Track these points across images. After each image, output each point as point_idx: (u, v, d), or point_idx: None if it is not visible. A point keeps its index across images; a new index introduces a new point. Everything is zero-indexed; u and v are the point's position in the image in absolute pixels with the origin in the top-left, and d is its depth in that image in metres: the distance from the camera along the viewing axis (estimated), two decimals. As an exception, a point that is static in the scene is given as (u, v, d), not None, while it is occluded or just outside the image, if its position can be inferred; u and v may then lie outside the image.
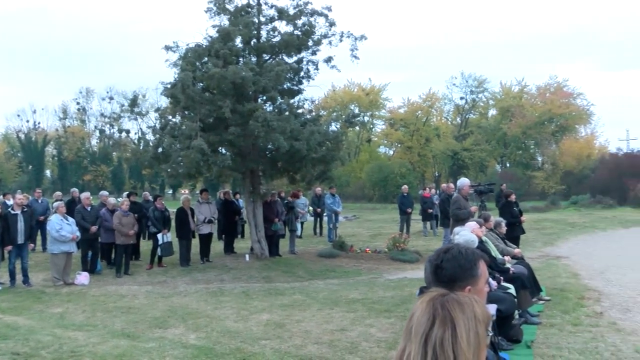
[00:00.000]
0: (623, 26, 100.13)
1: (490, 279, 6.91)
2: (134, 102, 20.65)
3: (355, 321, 7.96)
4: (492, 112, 61.36)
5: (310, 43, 15.38)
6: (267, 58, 15.44)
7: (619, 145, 56.99)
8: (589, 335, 7.00)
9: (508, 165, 58.09)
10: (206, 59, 14.15)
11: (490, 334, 1.69)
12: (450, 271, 2.20)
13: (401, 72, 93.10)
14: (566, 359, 6.02)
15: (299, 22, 15.18)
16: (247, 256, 15.08)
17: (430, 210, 20.76)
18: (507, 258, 9.00)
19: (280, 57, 15.41)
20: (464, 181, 11.71)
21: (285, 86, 15.52)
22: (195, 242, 15.00)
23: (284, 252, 16.32)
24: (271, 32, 15.38)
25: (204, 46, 14.41)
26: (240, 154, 14.80)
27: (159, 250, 14.25)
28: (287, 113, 14.62)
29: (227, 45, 13.92)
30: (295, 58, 15.69)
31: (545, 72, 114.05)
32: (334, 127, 17.28)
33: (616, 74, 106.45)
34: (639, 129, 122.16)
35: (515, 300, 7.27)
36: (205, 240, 15.07)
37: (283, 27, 15.37)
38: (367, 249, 16.56)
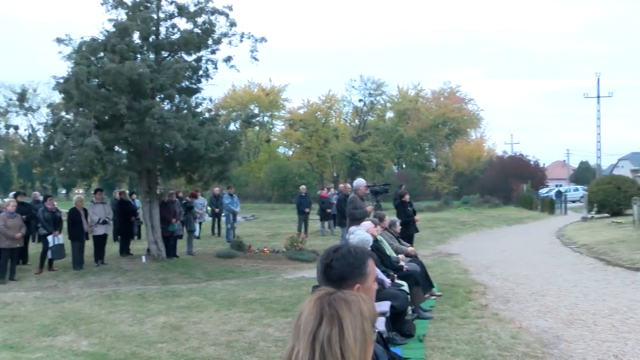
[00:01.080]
0: (508, 37, 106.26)
1: (385, 277, 7.16)
2: (22, 97, 19.70)
3: (253, 321, 7.98)
4: (390, 114, 63.15)
5: (210, 42, 15.21)
6: (165, 55, 15.11)
7: (505, 148, 60.70)
8: (475, 326, 7.43)
9: (404, 166, 59.99)
10: (102, 53, 13.68)
11: (377, 330, 1.76)
12: (339, 270, 2.23)
13: (301, 73, 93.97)
14: (454, 350, 6.33)
15: (199, 20, 14.98)
16: (143, 258, 14.71)
17: (328, 210, 21.08)
18: (401, 256, 9.35)
19: (179, 54, 15.12)
20: (360, 181, 12.00)
21: (183, 84, 15.25)
22: (89, 244, 14.47)
23: (182, 253, 16.07)
24: (170, 29, 15.10)
25: (99, 40, 13.92)
26: (136, 152, 14.43)
27: (49, 253, 13.62)
28: (185, 111, 14.40)
29: (124, 40, 13.52)
30: (194, 56, 15.47)
31: (440, 77, 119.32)
32: (233, 126, 17.19)
33: (502, 82, 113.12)
34: (523, 133, 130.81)
35: (409, 296, 7.54)
36: (100, 241, 14.56)
37: (183, 24, 15.15)
38: (265, 249, 16.61)
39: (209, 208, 21.61)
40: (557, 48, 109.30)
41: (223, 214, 20.79)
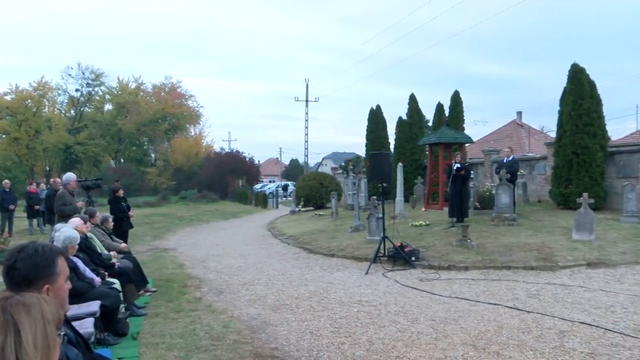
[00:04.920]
0: (233, 39, 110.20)
1: (94, 275, 6.97)
2: None
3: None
4: (108, 106, 61.02)
5: None
6: None
7: (223, 145, 62.95)
8: (189, 319, 7.64)
9: (122, 160, 58.41)
10: None
11: (61, 334, 1.68)
12: (24, 271, 2.09)
13: (8, 55, 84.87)
14: (169, 344, 6.40)
15: None
16: None
17: (37, 207, 19.82)
18: (113, 253, 9.17)
19: None
20: (69, 176, 11.48)
21: None
22: None
23: None
24: None
25: None
26: None
27: None
28: None
29: None
30: None
31: (162, 72, 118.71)
32: None
33: (223, 81, 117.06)
34: (240, 131, 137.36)
35: (121, 294, 7.44)
36: None
37: None
38: (-41, 252, 14.87)
39: None
40: (277, 54, 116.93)
41: None
